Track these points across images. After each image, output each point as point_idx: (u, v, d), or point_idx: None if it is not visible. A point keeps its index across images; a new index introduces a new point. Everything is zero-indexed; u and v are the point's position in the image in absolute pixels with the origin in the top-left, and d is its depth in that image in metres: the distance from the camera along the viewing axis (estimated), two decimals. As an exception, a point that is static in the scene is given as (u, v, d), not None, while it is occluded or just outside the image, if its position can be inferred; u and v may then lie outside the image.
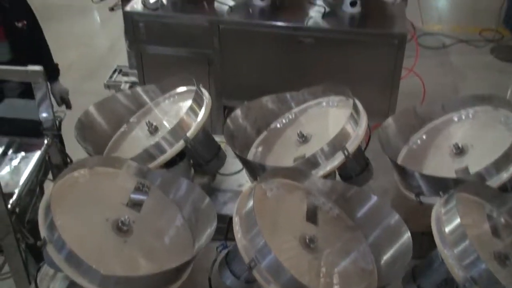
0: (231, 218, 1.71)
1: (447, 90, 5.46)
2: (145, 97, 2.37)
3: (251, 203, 1.61)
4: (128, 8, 3.66)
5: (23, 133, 2.33)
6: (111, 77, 4.63)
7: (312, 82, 2.34)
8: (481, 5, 7.20)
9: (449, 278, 1.60)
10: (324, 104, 2.28)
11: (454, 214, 1.59)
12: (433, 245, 1.66)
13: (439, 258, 1.61)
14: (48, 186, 2.21)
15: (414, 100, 4.93)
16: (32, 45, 3.50)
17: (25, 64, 2.53)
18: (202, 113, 2.09)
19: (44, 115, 2.28)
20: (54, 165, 2.41)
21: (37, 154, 2.28)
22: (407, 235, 1.68)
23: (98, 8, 6.16)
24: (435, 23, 6.79)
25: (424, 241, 1.86)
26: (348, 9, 3.55)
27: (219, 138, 2.32)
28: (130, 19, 3.62)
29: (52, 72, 3.66)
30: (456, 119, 2.22)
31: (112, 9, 4.48)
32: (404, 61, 3.60)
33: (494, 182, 1.86)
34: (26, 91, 3.40)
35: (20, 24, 3.39)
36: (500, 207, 1.81)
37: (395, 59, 3.44)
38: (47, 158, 2.36)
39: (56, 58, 5.48)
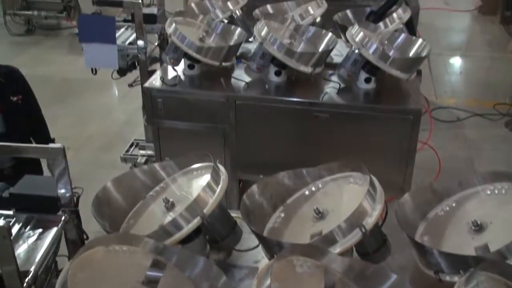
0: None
1: (462, 163, 5.46)
2: (162, 173, 2.40)
3: (268, 281, 1.60)
4: (147, 84, 3.75)
5: (41, 210, 2.34)
6: (127, 150, 4.70)
7: (327, 156, 2.36)
8: (495, 79, 7.30)
9: None
10: (340, 180, 2.28)
11: (475, 294, 1.56)
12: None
13: None
14: (63, 262, 2.20)
15: (429, 173, 4.95)
16: (27, 120, 3.60)
17: (18, 137, 2.57)
18: (219, 190, 2.11)
19: (62, 191, 2.30)
20: (70, 240, 2.42)
21: (53, 231, 2.28)
22: (428, 316, 1.65)
23: (117, 83, 6.29)
24: (448, 97, 6.86)
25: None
26: (363, 85, 3.61)
27: (234, 214, 2.32)
28: (149, 94, 3.70)
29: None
30: (473, 195, 2.21)
31: (131, 85, 4.60)
32: (419, 134, 3.62)
33: (516, 260, 1.83)
34: (18, 165, 3.48)
35: (15, 99, 3.50)
36: (523, 287, 1.77)
37: (410, 134, 3.46)
38: (63, 234, 2.36)
39: (75, 131, 5.62)
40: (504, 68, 7.62)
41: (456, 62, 8.21)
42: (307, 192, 2.32)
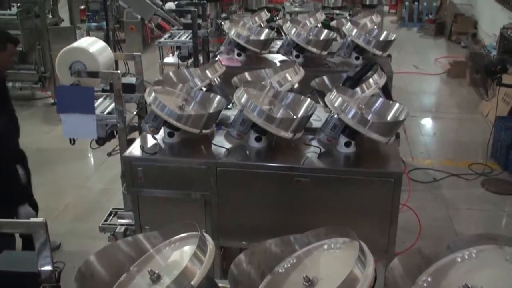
0: None
1: (442, 223, 5.49)
2: (146, 243, 2.35)
3: None
4: (127, 153, 3.73)
5: (21, 287, 2.27)
6: (106, 220, 4.61)
7: (310, 220, 2.35)
8: (467, 140, 7.46)
9: None
10: (328, 246, 2.26)
11: None
12: None
13: None
14: None
15: (409, 233, 4.97)
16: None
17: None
18: (206, 260, 2.06)
19: (43, 266, 2.23)
20: (51, 317, 2.33)
21: (33, 309, 2.21)
22: None
23: (93, 151, 6.27)
24: (424, 158, 6.96)
25: None
26: (343, 149, 3.64)
27: (221, 284, 2.28)
28: (128, 163, 3.68)
29: (20, 197, 3.74)
30: (462, 259, 2.20)
31: (110, 154, 4.57)
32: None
33: (509, 324, 1.81)
34: None
35: None
36: None
37: (392, 197, 3.47)
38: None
39: (52, 201, 5.53)
40: (476, 128, 7.79)
41: (429, 123, 8.38)
42: (295, 260, 2.29)
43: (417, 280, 2.22)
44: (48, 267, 2.24)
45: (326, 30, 5.96)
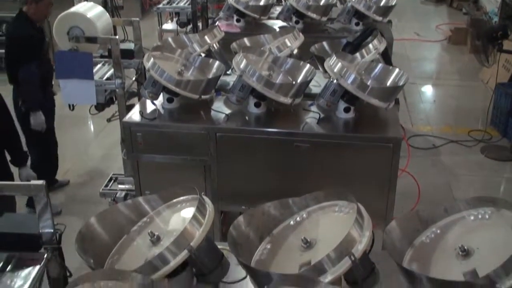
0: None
1: (440, 189, 5.51)
2: (146, 206, 2.37)
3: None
4: (126, 118, 3.73)
5: (22, 248, 2.29)
6: (106, 185, 4.64)
7: (309, 186, 2.36)
8: (467, 107, 7.44)
9: None
10: (327, 209, 2.28)
11: (469, 320, 1.56)
12: None
13: None
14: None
15: (408, 199, 4.98)
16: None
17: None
18: (205, 222, 2.09)
19: (44, 228, 2.26)
20: (52, 278, 2.36)
21: (36, 269, 2.23)
22: None
23: (93, 118, 6.28)
24: (424, 124, 6.96)
25: None
26: (342, 115, 3.64)
27: (220, 245, 2.30)
28: (128, 129, 3.68)
29: (20, 159, 3.81)
30: (459, 221, 2.22)
31: (109, 120, 4.59)
32: (396, 162, 3.65)
33: (504, 285, 1.83)
34: None
35: None
36: (514, 311, 1.77)
37: (391, 162, 3.48)
38: (45, 272, 2.31)
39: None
40: (476, 95, 7.78)
41: (429, 90, 8.35)
42: (293, 222, 2.32)
43: (415, 242, 2.25)
44: (49, 229, 2.26)
45: (326, -4, 5.90)
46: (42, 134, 4.89)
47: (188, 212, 2.26)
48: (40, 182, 2.13)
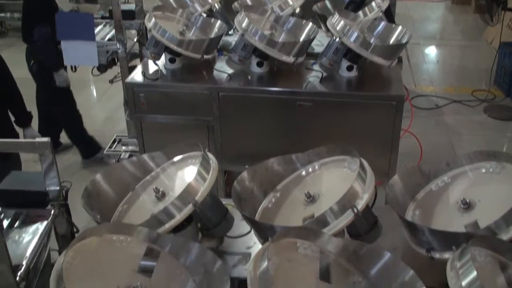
0: (241, 281, 1.70)
1: (444, 149, 5.52)
2: (151, 163, 2.39)
3: (265, 263, 1.60)
4: (129, 79, 3.73)
5: (30, 205, 2.32)
6: (110, 147, 4.67)
7: (312, 145, 2.37)
8: (471, 67, 7.40)
9: (468, 333, 1.58)
10: (330, 164, 2.30)
11: (470, 268, 1.58)
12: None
13: (457, 313, 1.59)
14: (55, 257, 2.19)
15: (411, 159, 4.99)
16: (2, 93, 3.62)
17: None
18: (209, 177, 2.11)
19: (51, 185, 2.28)
20: (60, 235, 2.40)
21: (43, 225, 2.27)
22: (424, 290, 1.67)
23: (95, 81, 6.27)
24: (427, 85, 6.94)
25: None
26: (345, 73, 3.63)
27: (225, 201, 2.33)
28: (131, 89, 3.68)
29: (24, 119, 3.84)
30: (461, 175, 2.24)
31: (111, 81, 4.59)
32: (399, 122, 3.66)
33: (505, 235, 1.85)
34: None
35: None
36: (513, 260, 1.80)
37: (393, 120, 3.49)
38: (53, 228, 2.34)
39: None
40: (480, 55, 7.73)
41: (433, 51, 8.30)
42: (297, 177, 2.33)
43: (417, 196, 2.27)
44: (56, 187, 2.29)
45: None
46: (62, 90, 4.92)
47: (192, 168, 2.28)
48: (45, 139, 2.15)
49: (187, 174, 2.28)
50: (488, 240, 1.80)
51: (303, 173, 2.34)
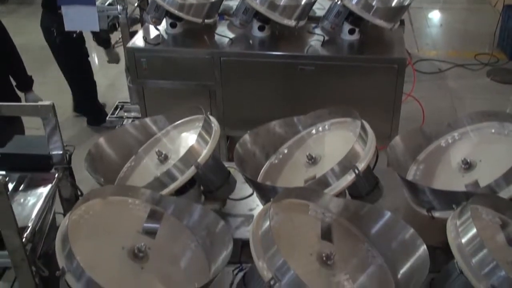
0: (244, 242, 1.72)
1: (446, 113, 5.51)
2: (153, 127, 2.40)
3: (267, 223, 1.62)
4: (130, 44, 3.72)
5: (34, 168, 2.34)
6: (113, 113, 4.67)
7: (313, 109, 2.37)
8: (474, 31, 7.33)
9: (468, 289, 1.61)
10: (331, 126, 2.30)
11: (469, 225, 1.60)
12: (447, 258, 1.67)
13: (457, 270, 1.62)
14: (61, 219, 2.21)
15: (413, 123, 4.99)
16: (2, 58, 3.67)
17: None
18: (211, 140, 2.12)
19: (54, 149, 2.30)
20: (65, 198, 2.42)
21: (47, 188, 2.29)
22: (423, 247, 1.69)
23: (97, 48, 6.23)
24: (430, 49, 6.89)
25: (438, 255, 1.88)
26: (347, 36, 3.61)
27: (227, 165, 2.34)
28: (132, 54, 3.67)
29: (25, 83, 3.85)
30: (462, 135, 2.25)
31: (113, 46, 4.58)
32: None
33: (505, 194, 1.87)
34: None
35: None
36: (513, 218, 1.82)
37: (395, 83, 3.48)
38: (57, 191, 2.37)
39: (58, 98, 5.52)
40: (483, 18, 7.65)
41: (436, 15, 8.23)
42: (298, 140, 2.34)
43: (418, 157, 2.28)
44: (59, 151, 2.31)
45: None
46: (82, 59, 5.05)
47: (194, 131, 2.29)
48: (48, 102, 2.15)
49: (189, 137, 2.29)
50: (488, 198, 1.81)
51: (305, 135, 2.34)
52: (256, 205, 2.31)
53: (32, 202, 2.21)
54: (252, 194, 2.31)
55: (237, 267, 1.85)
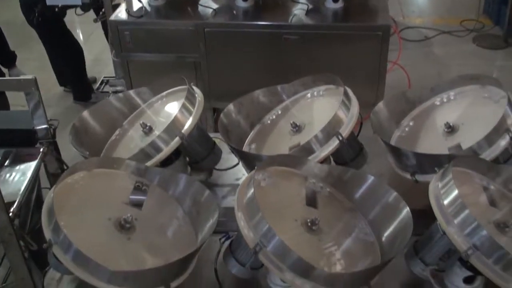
0: (231, 211, 1.73)
1: (432, 80, 5.50)
2: (137, 99, 2.39)
3: (251, 190, 1.63)
4: (113, 17, 3.69)
5: (18, 143, 2.33)
6: (98, 88, 4.65)
7: (298, 79, 2.37)
8: (460, -3, 7.31)
9: (451, 250, 1.64)
10: (315, 94, 2.31)
11: (451, 187, 1.62)
12: (431, 221, 1.70)
13: (439, 231, 1.64)
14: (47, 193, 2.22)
15: (399, 91, 5.01)
16: None
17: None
18: (195, 110, 2.11)
19: (38, 124, 2.29)
20: (51, 173, 2.42)
21: (34, 163, 2.28)
22: (406, 210, 1.71)
23: (81, 22, 6.18)
24: (415, 16, 6.87)
25: (422, 218, 1.90)
26: (331, 5, 3.60)
27: (212, 135, 2.35)
28: (115, 28, 3.65)
29: (8, 59, 3.82)
30: (445, 99, 2.26)
31: (96, 20, 4.52)
32: (388, 55, 3.65)
33: (487, 156, 1.89)
34: None
35: None
36: (495, 179, 1.84)
37: (380, 51, 3.49)
38: (43, 166, 2.36)
39: (42, 74, 5.50)
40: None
41: (422, -19, 8.17)
42: (283, 108, 2.35)
43: (402, 122, 2.30)
44: (43, 125, 2.29)
45: None
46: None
47: (178, 102, 2.28)
48: (30, 76, 2.14)
49: (173, 109, 2.29)
50: (470, 160, 1.83)
51: (289, 104, 2.35)
52: (242, 174, 2.32)
53: (18, 177, 2.21)
54: (237, 164, 2.32)
55: (224, 235, 1.87)
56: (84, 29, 6.76)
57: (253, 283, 1.82)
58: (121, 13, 3.70)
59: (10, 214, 1.98)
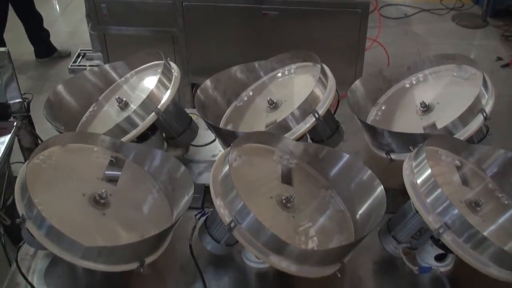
0: (207, 187, 1.73)
1: (411, 58, 5.46)
2: (113, 74, 2.37)
3: (227, 167, 1.63)
4: (88, -12, 3.63)
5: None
6: (75, 61, 4.58)
7: (277, 54, 2.36)
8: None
9: (423, 228, 1.66)
10: (292, 71, 2.30)
11: (424, 166, 1.64)
12: (405, 199, 1.71)
13: (412, 209, 1.66)
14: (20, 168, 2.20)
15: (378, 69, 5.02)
16: None
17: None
18: (172, 85, 2.09)
19: (12, 97, 2.26)
20: (25, 148, 2.40)
21: (7, 138, 2.25)
22: (380, 188, 1.73)
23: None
24: (396, -6, 6.86)
25: (396, 196, 1.93)
26: (310, -20, 3.57)
27: (189, 111, 2.33)
28: (92, 0, 3.58)
29: None
30: (421, 78, 2.27)
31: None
32: (368, 32, 3.64)
33: (461, 135, 1.91)
34: None
35: None
36: (468, 158, 1.87)
37: (359, 28, 3.48)
38: (17, 140, 2.34)
39: (18, 47, 5.42)
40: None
41: (402, -41, 8.14)
42: (260, 85, 2.34)
43: (379, 100, 2.31)
44: (17, 99, 2.27)
45: None
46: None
47: (154, 77, 2.26)
48: (3, 49, 2.10)
49: (150, 84, 2.27)
50: (444, 140, 1.85)
51: (266, 80, 2.34)
52: (218, 151, 2.32)
53: (-9, 151, 2.18)
54: (214, 140, 2.31)
55: (199, 211, 1.87)
56: (60, 0, 6.65)
57: (228, 260, 1.83)
58: (98, -15, 3.64)
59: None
